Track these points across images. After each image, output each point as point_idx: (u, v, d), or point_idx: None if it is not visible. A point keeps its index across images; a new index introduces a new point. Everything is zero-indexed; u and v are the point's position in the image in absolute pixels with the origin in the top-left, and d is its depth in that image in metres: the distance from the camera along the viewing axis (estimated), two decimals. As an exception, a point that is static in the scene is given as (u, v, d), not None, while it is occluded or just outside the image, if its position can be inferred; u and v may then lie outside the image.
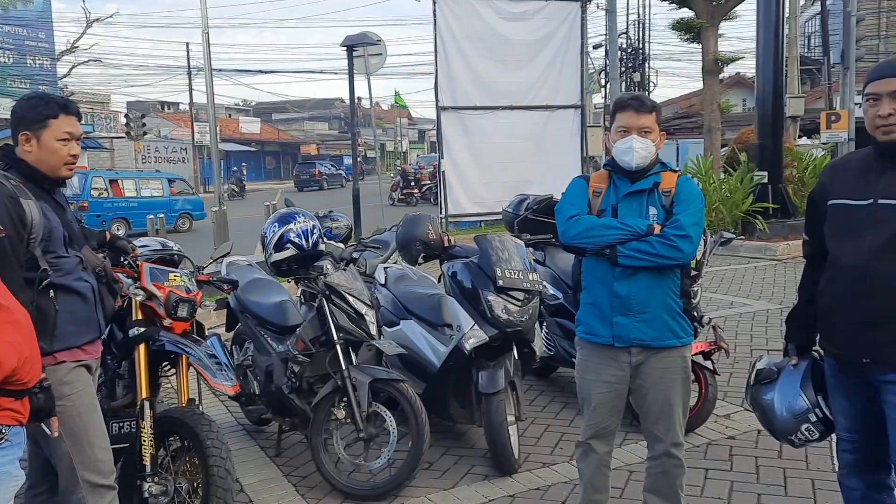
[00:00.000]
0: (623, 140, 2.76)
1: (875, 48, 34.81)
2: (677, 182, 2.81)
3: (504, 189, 11.77)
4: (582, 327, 2.92)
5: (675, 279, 2.80)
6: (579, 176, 3.00)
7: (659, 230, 2.70)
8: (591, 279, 2.86)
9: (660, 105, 2.91)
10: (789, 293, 8.03)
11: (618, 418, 2.96)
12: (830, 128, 15.16)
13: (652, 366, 2.81)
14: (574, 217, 2.79)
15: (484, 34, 13.49)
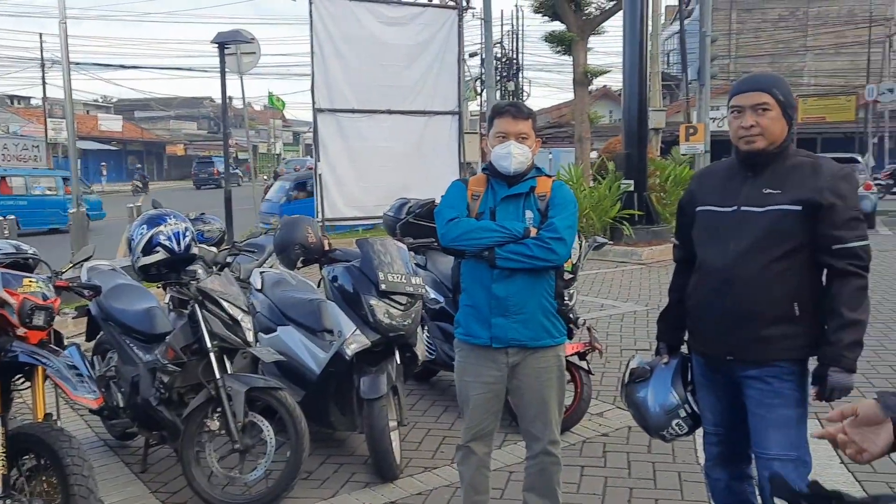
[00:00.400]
0: (502, 145, 2.82)
1: (727, 67, 37.48)
2: (552, 187, 2.90)
3: (382, 193, 11.73)
4: (461, 329, 2.95)
5: (550, 280, 2.88)
6: (458, 179, 3.04)
7: (535, 233, 2.78)
8: (469, 281, 2.90)
9: (535, 113, 3.00)
10: (654, 295, 8.46)
11: (496, 419, 3.00)
12: (689, 140, 16.14)
13: (529, 366, 2.87)
14: (454, 220, 2.83)
15: (362, 37, 13.39)
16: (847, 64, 40.30)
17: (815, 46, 41.62)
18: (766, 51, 40.76)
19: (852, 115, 34.22)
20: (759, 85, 2.46)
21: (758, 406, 2.48)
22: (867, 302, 2.43)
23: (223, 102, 12.85)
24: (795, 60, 41.12)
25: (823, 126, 33.94)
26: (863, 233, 2.42)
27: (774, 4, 42.05)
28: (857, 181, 2.53)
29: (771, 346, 2.43)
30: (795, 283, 2.41)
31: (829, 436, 1.29)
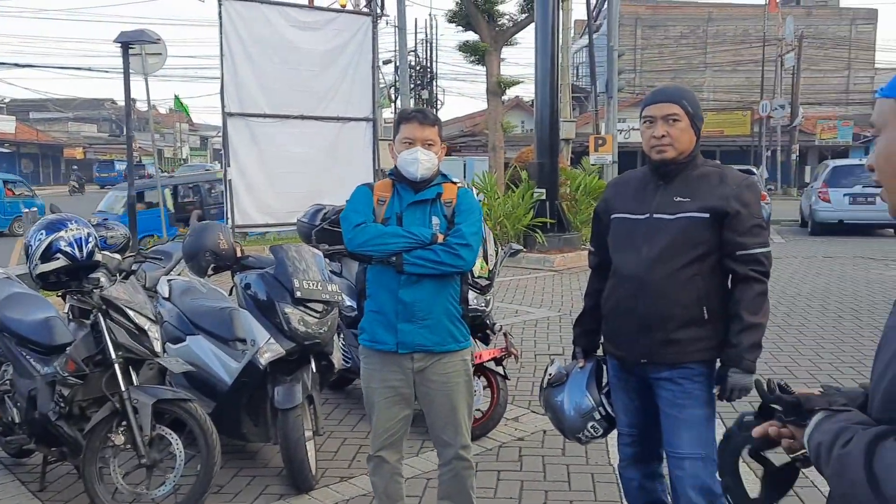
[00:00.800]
0: (409, 151, 2.83)
1: (633, 81, 38.88)
2: (458, 193, 2.92)
3: (295, 200, 11.52)
4: (366, 335, 2.93)
5: (456, 286, 2.91)
6: (363, 184, 3.02)
7: (442, 239, 2.79)
8: (376, 287, 2.89)
9: (441, 120, 3.02)
10: (566, 301, 8.65)
11: (405, 425, 3.00)
12: (598, 151, 16.61)
13: (435, 371, 2.88)
14: (361, 225, 2.81)
15: (274, 41, 13.15)
16: (743, 81, 42.56)
17: (714, 63, 43.78)
18: (668, 66, 42.55)
19: (748, 129, 36.09)
20: (669, 97, 2.56)
21: (670, 406, 2.57)
22: (767, 306, 2.55)
23: (127, 104, 12.35)
24: (696, 76, 43.10)
25: (722, 139, 35.63)
26: (765, 240, 2.55)
27: (676, 22, 43.99)
28: (759, 190, 2.66)
29: (682, 349, 2.52)
30: (704, 287, 2.51)
31: (763, 433, 1.34)
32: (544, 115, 12.53)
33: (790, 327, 7.29)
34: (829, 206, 16.32)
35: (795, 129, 34.76)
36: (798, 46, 34.31)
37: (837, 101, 43.46)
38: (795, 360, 6.05)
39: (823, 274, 10.88)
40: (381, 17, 15.56)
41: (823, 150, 36.56)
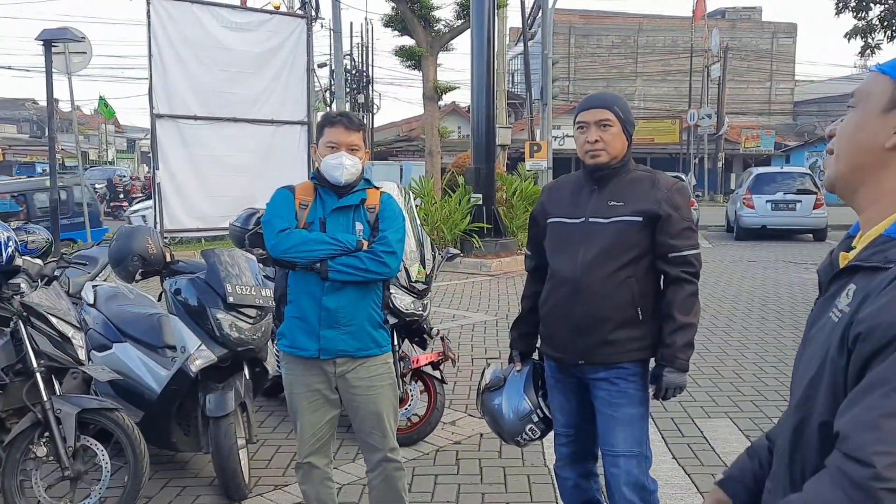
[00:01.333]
0: (333, 155, 2.79)
1: (567, 88, 39.58)
2: (381, 199, 2.91)
3: (228, 204, 11.31)
4: (286, 341, 2.90)
5: (379, 292, 2.91)
6: (283, 187, 2.96)
7: (366, 245, 2.78)
8: (298, 293, 2.85)
9: (366, 124, 3.01)
10: (503, 305, 8.72)
11: (332, 428, 2.98)
12: (533, 157, 16.85)
13: (358, 376, 2.87)
14: (285, 231, 2.77)
15: (205, 42, 12.88)
16: (672, 90, 43.82)
17: (644, 73, 44.96)
18: (601, 74, 43.48)
19: (677, 137, 37.20)
20: (602, 102, 2.61)
21: (606, 406, 2.61)
22: (698, 306, 2.63)
23: (49, 104, 11.89)
24: (627, 85, 44.17)
25: (652, 147, 36.63)
26: (695, 242, 2.62)
27: (608, 32, 45.02)
28: (689, 194, 2.74)
29: (618, 349, 2.57)
30: (638, 289, 2.56)
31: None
32: (481, 121, 12.64)
33: (717, 328, 7.53)
34: (752, 212, 16.95)
35: (721, 138, 36.00)
36: (723, 58, 35.53)
37: (760, 111, 45.19)
38: (722, 360, 6.25)
39: (748, 277, 11.28)
40: (315, 19, 15.44)
41: (747, 158, 37.99)
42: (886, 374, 0.93)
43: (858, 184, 1.14)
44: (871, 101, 1.12)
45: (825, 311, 1.13)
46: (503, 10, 19.76)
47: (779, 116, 44.81)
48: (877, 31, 13.46)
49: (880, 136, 1.09)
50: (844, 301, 1.07)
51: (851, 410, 0.95)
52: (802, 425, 1.11)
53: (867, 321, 0.98)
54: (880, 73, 1.13)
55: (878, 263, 1.04)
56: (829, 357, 1.06)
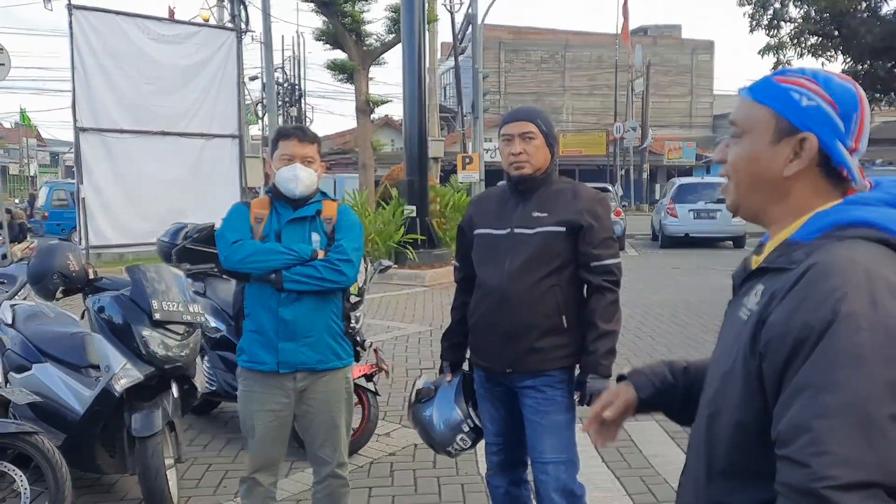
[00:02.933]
0: (288, 168, 2.79)
1: (497, 102, 40.13)
2: (338, 210, 2.92)
3: (157, 219, 11.04)
4: (245, 356, 2.86)
5: (338, 302, 2.90)
6: (239, 202, 2.97)
7: (323, 255, 2.78)
8: (255, 305, 2.83)
9: (320, 137, 3.02)
10: (437, 316, 8.76)
11: (283, 447, 2.95)
12: (465, 169, 17.00)
13: (317, 389, 2.85)
14: (237, 242, 2.76)
15: (131, 54, 12.56)
16: (598, 104, 44.89)
17: (572, 87, 45.94)
18: (531, 89, 44.20)
19: (604, 149, 38.10)
20: (525, 115, 2.69)
21: (534, 413, 2.67)
22: (619, 314, 2.71)
23: (-36, 117, 11.41)
24: (556, 99, 45.04)
25: (581, 159, 37.42)
26: (615, 252, 2.71)
27: (537, 47, 45.85)
28: (610, 205, 2.83)
29: (544, 357, 2.63)
30: (563, 297, 2.64)
31: (591, 423, 1.49)
32: (413, 134, 12.71)
33: (644, 334, 7.74)
34: (676, 220, 17.53)
35: (646, 150, 37.09)
36: (646, 73, 36.67)
37: (682, 124, 46.71)
38: (650, 366, 6.42)
39: (672, 284, 11.63)
40: (245, 32, 15.27)
41: (671, 170, 39.16)
42: (810, 377, 0.97)
43: (761, 208, 1.21)
44: (757, 133, 1.17)
45: (736, 311, 1.19)
46: (433, 25, 19.94)
47: (699, 129, 46.40)
48: (787, 48, 14.14)
49: (775, 166, 1.15)
50: (753, 300, 1.13)
51: (785, 415, 0.98)
52: (714, 419, 1.15)
53: (777, 325, 1.02)
54: (756, 103, 1.18)
55: (783, 265, 1.10)
56: (740, 356, 1.10)
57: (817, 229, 1.11)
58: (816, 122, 1.13)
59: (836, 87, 1.14)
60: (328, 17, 16.65)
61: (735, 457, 1.12)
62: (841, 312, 0.97)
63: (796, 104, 1.14)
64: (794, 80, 1.16)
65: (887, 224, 1.07)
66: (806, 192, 1.15)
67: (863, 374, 0.94)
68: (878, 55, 12.63)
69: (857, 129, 1.14)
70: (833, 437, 0.93)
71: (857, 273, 0.99)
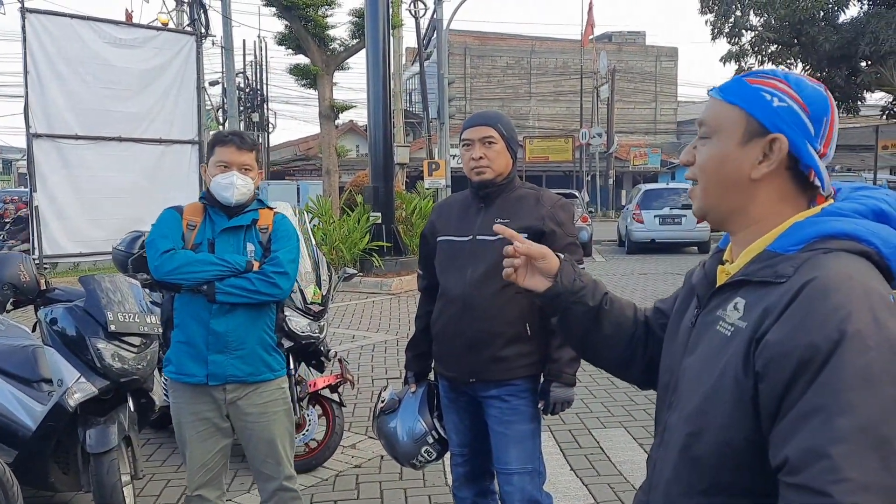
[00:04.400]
0: (224, 175, 2.73)
1: (463, 108, 40.23)
2: (274, 220, 2.86)
3: (114, 227, 10.81)
4: (172, 367, 2.80)
5: (272, 314, 2.84)
6: (171, 207, 2.87)
7: (257, 266, 2.72)
8: (185, 316, 2.76)
9: (259, 144, 2.96)
10: (404, 324, 8.69)
11: (223, 458, 2.88)
12: (432, 175, 16.97)
13: (251, 402, 2.79)
14: (169, 252, 2.68)
15: (86, 58, 12.28)
16: (564, 110, 45.29)
17: (538, 93, 46.27)
18: (497, 95, 44.42)
19: (570, 155, 38.37)
20: (485, 120, 2.65)
21: (498, 424, 2.62)
22: None
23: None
24: (522, 104, 45.33)
25: (547, 165, 37.64)
26: (579, 258, 2.67)
27: (503, 53, 46.10)
28: (572, 210, 2.80)
29: (509, 365, 2.58)
30: (526, 304, 2.59)
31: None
32: (378, 140, 12.63)
33: (611, 340, 7.74)
34: (642, 226, 17.68)
35: (611, 156, 37.46)
36: (611, 79, 37.05)
37: (647, 131, 47.33)
38: (617, 371, 6.42)
39: (639, 290, 11.72)
40: (206, 36, 15.05)
41: (636, 175, 39.63)
42: (820, 401, 0.93)
43: (729, 213, 1.18)
44: (726, 134, 1.15)
45: (712, 324, 1.14)
46: (398, 30, 19.91)
47: (664, 135, 47.05)
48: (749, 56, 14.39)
49: (744, 168, 1.13)
50: (734, 315, 1.09)
51: (792, 439, 0.95)
52: (697, 438, 1.10)
53: (777, 345, 0.99)
54: (727, 103, 1.15)
55: (768, 278, 1.06)
56: (729, 374, 1.06)
57: (799, 241, 1.08)
58: (787, 123, 1.11)
59: (807, 90, 1.12)
60: (290, 22, 16.51)
61: (721, 475, 1.08)
62: (847, 332, 0.94)
63: (767, 104, 1.12)
64: (766, 80, 1.14)
65: (868, 237, 1.05)
66: (773, 196, 1.13)
67: (874, 396, 0.92)
68: (835, 63, 12.92)
69: (827, 133, 1.12)
70: (850, 463, 0.90)
71: (856, 289, 0.97)
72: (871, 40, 11.19)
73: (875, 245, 1.05)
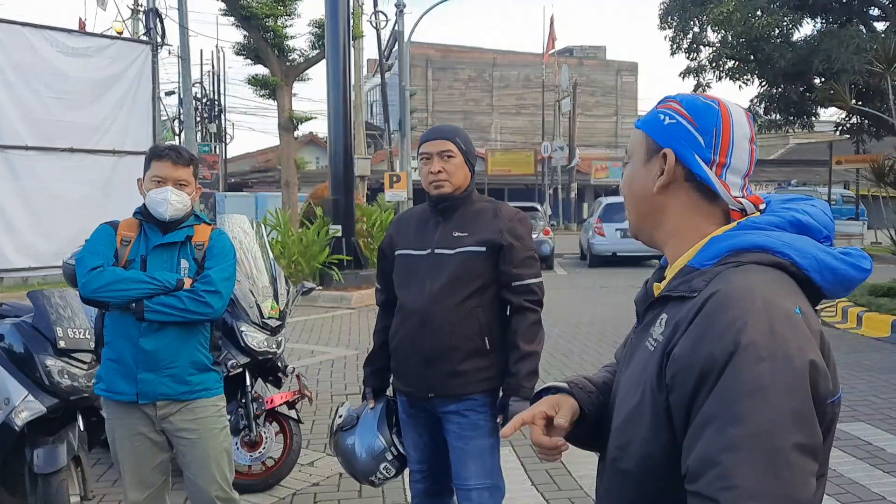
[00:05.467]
0: (158, 190, 2.69)
1: (425, 120, 40.30)
2: (211, 236, 2.83)
3: (66, 240, 10.47)
4: (103, 384, 2.76)
5: (206, 332, 2.81)
6: (106, 223, 2.83)
7: (190, 284, 2.68)
8: (114, 334, 2.71)
9: (197, 159, 2.91)
10: (364, 339, 8.61)
11: (163, 475, 2.82)
12: (393, 187, 16.91)
13: (184, 419, 2.74)
14: (97, 269, 2.62)
15: (37, 67, 11.98)
16: (526, 123, 45.71)
17: (500, 106, 46.63)
18: (459, 107, 44.65)
19: (532, 168, 38.73)
20: (443, 134, 2.65)
21: (457, 439, 2.60)
22: (542, 334, 2.67)
23: None
24: (484, 117, 45.64)
25: (510, 178, 37.93)
26: (537, 271, 2.67)
27: (465, 66, 46.38)
28: (531, 224, 2.80)
29: (467, 380, 2.57)
30: (485, 318, 2.58)
31: (520, 422, 1.28)
32: (338, 152, 12.55)
33: (573, 353, 7.79)
34: (604, 239, 17.85)
35: (573, 169, 37.87)
36: (573, 93, 37.52)
37: (608, 144, 48.00)
38: (577, 384, 6.44)
39: (600, 303, 11.80)
40: (162, 46, 14.82)
41: (598, 189, 40.11)
42: (715, 410, 0.96)
43: (651, 229, 1.24)
44: (636, 156, 1.25)
45: (642, 341, 1.17)
46: (359, 42, 19.88)
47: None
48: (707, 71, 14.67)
49: (648, 184, 1.21)
50: (658, 330, 1.12)
51: (694, 448, 0.97)
52: (623, 451, 1.13)
53: (682, 358, 1.01)
54: (637, 130, 1.26)
55: (684, 293, 1.09)
56: (648, 388, 1.09)
57: (714, 255, 1.12)
58: (675, 137, 1.18)
59: (697, 106, 1.19)
60: (249, 32, 16.40)
61: (645, 487, 1.10)
62: (741, 343, 0.96)
63: (660, 124, 1.21)
64: (665, 104, 1.23)
65: (780, 248, 1.08)
66: (681, 209, 1.19)
67: (766, 405, 0.94)
68: (790, 79, 13.23)
69: (721, 142, 1.17)
70: (739, 470, 0.92)
71: (756, 302, 1.00)
72: (824, 58, 11.51)
73: (789, 256, 1.07)
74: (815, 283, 1.08)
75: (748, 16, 12.42)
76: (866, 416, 5.42)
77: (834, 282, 1.08)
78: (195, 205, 2.83)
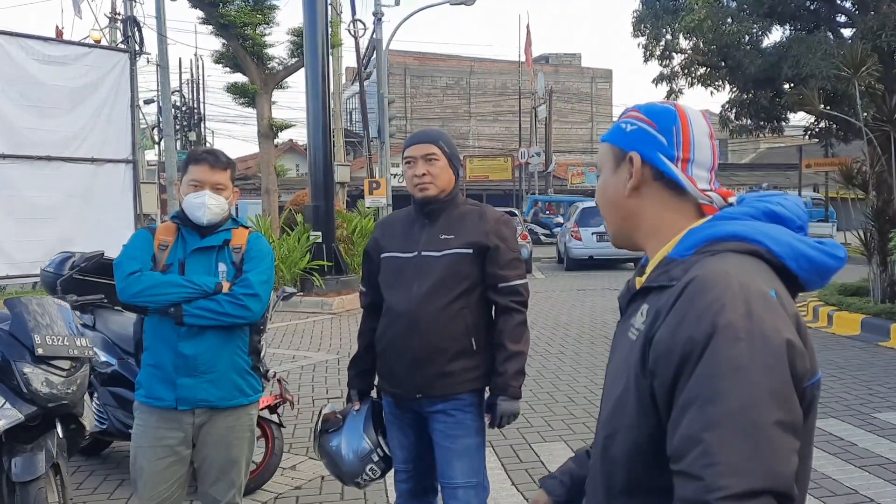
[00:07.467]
0: (196, 194, 2.68)
1: (404, 127, 40.33)
2: (248, 239, 2.82)
3: (43, 248, 10.40)
4: (142, 391, 2.72)
5: (245, 337, 2.79)
6: (144, 228, 2.83)
7: (228, 287, 2.66)
8: (154, 339, 2.69)
9: (235, 162, 2.90)
10: (345, 343, 8.61)
11: (181, 490, 2.78)
12: (373, 194, 16.94)
13: (216, 425, 2.72)
14: (135, 273, 2.61)
15: (12, 75, 11.87)
16: (504, 130, 45.90)
17: (478, 113, 46.80)
18: (437, 114, 44.74)
19: (510, 174, 38.88)
20: (427, 138, 2.68)
21: (443, 438, 2.62)
22: (527, 334, 2.71)
23: None
24: (462, 124, 45.76)
25: (487, 184, 38.02)
26: (522, 272, 2.72)
27: (442, 73, 46.52)
28: (515, 227, 2.85)
29: (455, 380, 2.60)
30: (472, 319, 2.62)
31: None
32: (318, 159, 12.55)
33: (551, 355, 7.85)
34: (580, 243, 17.99)
35: (550, 175, 38.08)
36: (549, 100, 37.76)
37: (584, 150, 48.29)
38: (556, 386, 6.51)
39: (578, 305, 11.89)
40: (140, 54, 14.76)
41: (574, 194, 40.32)
42: (696, 391, 0.99)
43: (630, 232, 1.29)
44: (605, 167, 1.31)
45: (625, 332, 1.21)
46: (338, 50, 19.91)
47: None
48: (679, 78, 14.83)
49: (619, 189, 1.26)
50: (640, 320, 1.16)
51: (677, 429, 1.00)
52: (611, 440, 1.16)
53: (663, 343, 1.05)
54: (604, 143, 1.33)
55: (663, 282, 1.13)
56: (632, 376, 1.12)
57: (692, 245, 1.16)
58: (638, 141, 1.24)
59: (654, 110, 1.26)
60: (228, 40, 16.35)
61: (634, 475, 1.13)
62: (719, 325, 1.00)
63: (622, 132, 1.27)
64: (627, 115, 1.29)
65: (754, 236, 1.12)
66: (655, 207, 1.24)
67: (744, 383, 0.97)
68: (760, 85, 13.41)
69: (682, 139, 1.22)
70: (721, 448, 0.95)
71: (732, 285, 1.03)
72: (793, 64, 11.68)
73: (764, 244, 1.11)
74: (792, 270, 1.11)
75: (719, 23, 12.59)
76: (837, 413, 5.53)
77: (810, 270, 1.12)
78: (232, 209, 2.82)
